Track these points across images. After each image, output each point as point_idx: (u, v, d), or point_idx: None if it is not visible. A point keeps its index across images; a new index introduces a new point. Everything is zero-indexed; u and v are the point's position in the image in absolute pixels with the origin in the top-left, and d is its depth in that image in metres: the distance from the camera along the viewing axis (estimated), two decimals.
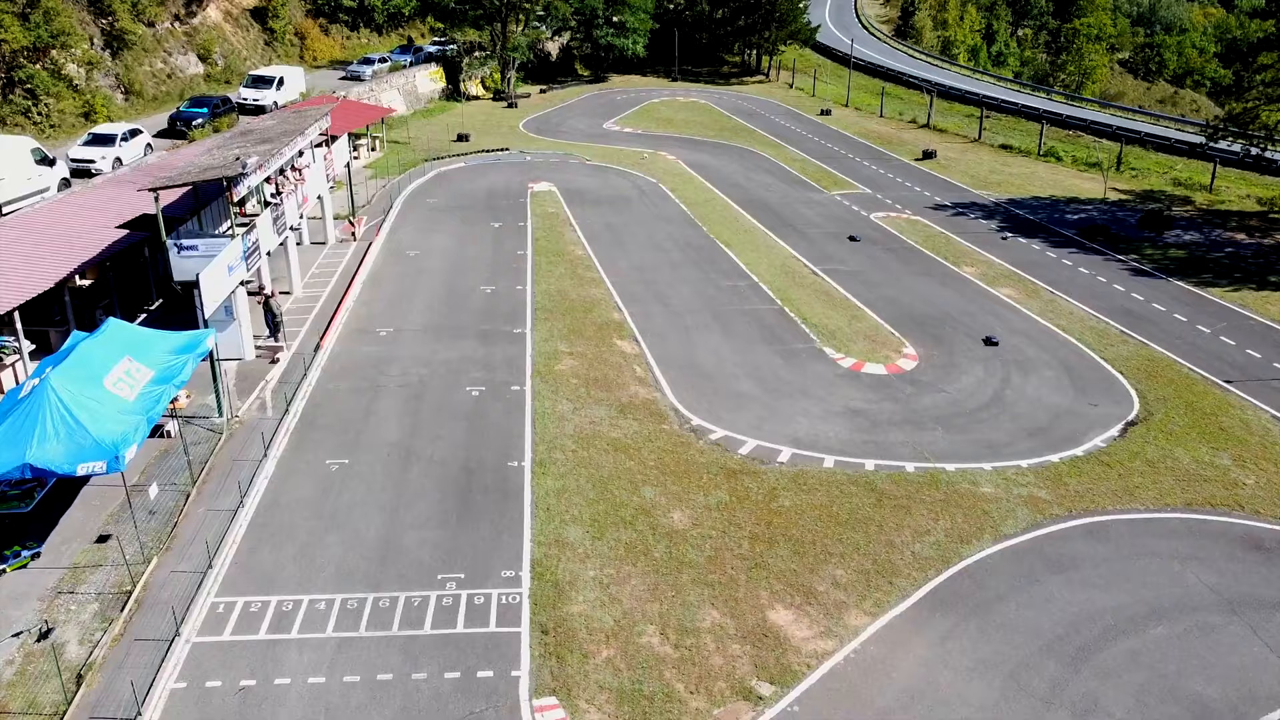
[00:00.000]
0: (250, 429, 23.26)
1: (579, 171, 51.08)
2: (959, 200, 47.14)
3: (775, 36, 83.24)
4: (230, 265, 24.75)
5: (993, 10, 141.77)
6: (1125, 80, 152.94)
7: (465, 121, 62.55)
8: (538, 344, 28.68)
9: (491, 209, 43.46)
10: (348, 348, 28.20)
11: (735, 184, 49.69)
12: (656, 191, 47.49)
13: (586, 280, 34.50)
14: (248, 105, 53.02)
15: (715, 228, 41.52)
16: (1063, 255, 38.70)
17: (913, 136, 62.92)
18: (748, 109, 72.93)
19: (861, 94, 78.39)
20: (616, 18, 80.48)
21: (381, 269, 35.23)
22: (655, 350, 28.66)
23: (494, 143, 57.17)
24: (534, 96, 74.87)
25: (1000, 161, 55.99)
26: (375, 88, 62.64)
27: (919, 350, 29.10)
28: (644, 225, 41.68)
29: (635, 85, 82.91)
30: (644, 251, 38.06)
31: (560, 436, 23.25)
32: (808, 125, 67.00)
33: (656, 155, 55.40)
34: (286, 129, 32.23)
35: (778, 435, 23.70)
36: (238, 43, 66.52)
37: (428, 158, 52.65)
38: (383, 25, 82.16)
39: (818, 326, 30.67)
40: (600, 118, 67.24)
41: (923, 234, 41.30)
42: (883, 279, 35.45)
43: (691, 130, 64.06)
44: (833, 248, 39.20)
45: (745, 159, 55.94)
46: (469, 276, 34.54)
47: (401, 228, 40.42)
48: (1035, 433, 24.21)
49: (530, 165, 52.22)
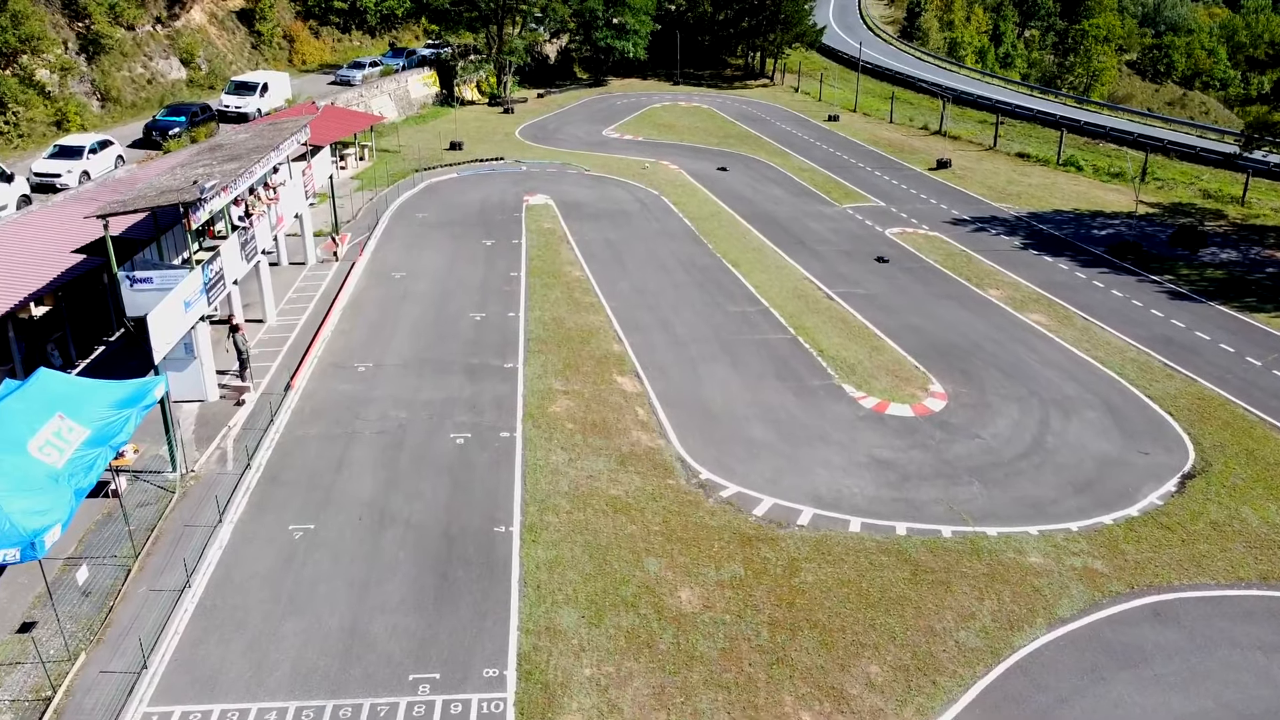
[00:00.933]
0: (207, 485, 20.79)
1: (577, 183, 48.61)
2: (978, 214, 44.67)
3: (780, 39, 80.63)
4: (187, 300, 22.28)
5: (999, 11, 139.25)
6: (1133, 82, 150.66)
7: (459, 128, 60.08)
8: (530, 381, 26.22)
9: (484, 224, 40.99)
10: (322, 386, 25.72)
11: (741, 196, 47.22)
12: (658, 204, 45.03)
13: (584, 305, 32.04)
14: (229, 113, 50.56)
15: (721, 245, 39.05)
16: (1093, 276, 36.23)
17: (925, 144, 60.44)
18: (752, 114, 70.47)
19: (870, 99, 75.95)
20: (616, 19, 77.99)
21: (364, 293, 32.76)
22: (659, 387, 26.20)
23: (488, 151, 54.69)
24: (531, 101, 72.40)
25: (1018, 171, 53.50)
26: (365, 93, 60.17)
27: (947, 387, 26.63)
28: (646, 242, 39.22)
29: (635, 89, 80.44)
30: (646, 272, 35.60)
31: (553, 494, 20.79)
32: (815, 132, 64.52)
33: (658, 165, 52.93)
34: (259, 144, 29.76)
35: (796, 492, 21.24)
36: (223, 46, 64.07)
37: (418, 167, 50.20)
38: (375, 28, 79.76)
39: (835, 359, 28.19)
40: (599, 124, 64.77)
41: (942, 252, 38.82)
42: (903, 304, 32.97)
43: (694, 137, 61.59)
44: (847, 267, 36.73)
45: (751, 169, 53.45)
46: (458, 301, 32.07)
47: (387, 245, 37.94)
48: (1082, 487, 21.74)
49: (526, 176, 49.75)
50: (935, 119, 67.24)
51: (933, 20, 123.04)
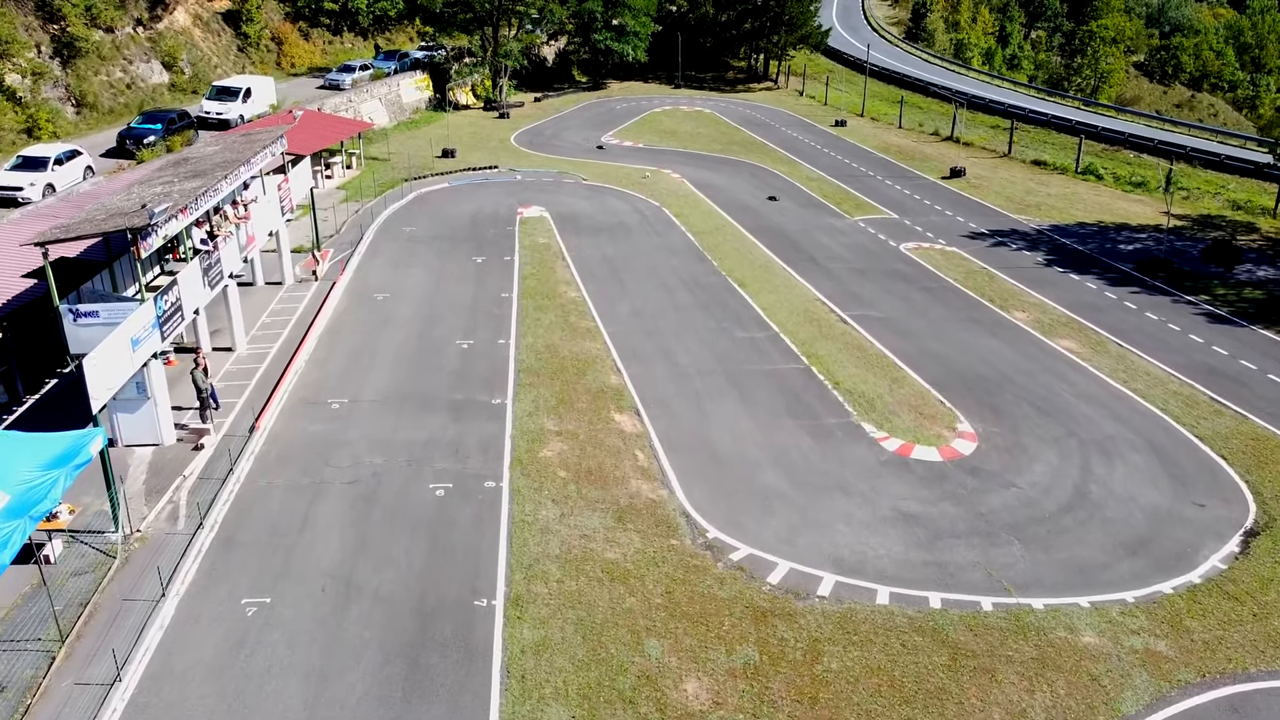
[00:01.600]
0: (153, 549, 18.50)
1: (574, 193, 46.32)
2: (996, 227, 42.36)
3: (785, 41, 78.25)
4: (135, 337, 20.00)
5: (1005, 12, 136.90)
6: (1141, 84, 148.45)
7: (452, 134, 57.79)
8: (520, 419, 23.93)
9: (475, 239, 38.70)
10: (291, 426, 23.43)
11: (746, 207, 44.91)
12: (660, 217, 42.73)
13: (580, 330, 29.74)
14: (210, 119, 48.24)
15: (726, 262, 36.76)
16: (1123, 296, 33.92)
17: (936, 151, 58.13)
18: (756, 119, 68.17)
19: (877, 103, 73.63)
20: (616, 20, 75.61)
21: (343, 317, 30.47)
22: (660, 427, 23.90)
23: (482, 159, 52.41)
24: (527, 106, 70.09)
25: (1035, 180, 51.19)
26: (354, 98, 57.86)
27: (976, 426, 24.32)
28: (646, 258, 36.92)
29: (636, 93, 78.14)
30: (647, 292, 33.31)
31: (542, 558, 18.50)
32: (822, 138, 62.20)
33: (659, 174, 50.64)
34: (228, 158, 27.47)
35: (815, 554, 18.94)
36: (208, 49, 61.76)
37: (408, 177, 47.90)
38: (368, 29, 77.40)
39: (853, 393, 25.89)
40: (598, 129, 62.46)
41: (961, 269, 36.51)
42: (923, 328, 30.67)
43: (697, 144, 59.29)
44: (861, 286, 34.43)
45: (756, 178, 51.15)
46: (444, 326, 29.77)
47: (372, 263, 35.65)
48: (1135, 548, 19.44)
49: (521, 186, 47.46)
50: (946, 124, 64.93)
51: (938, 21, 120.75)
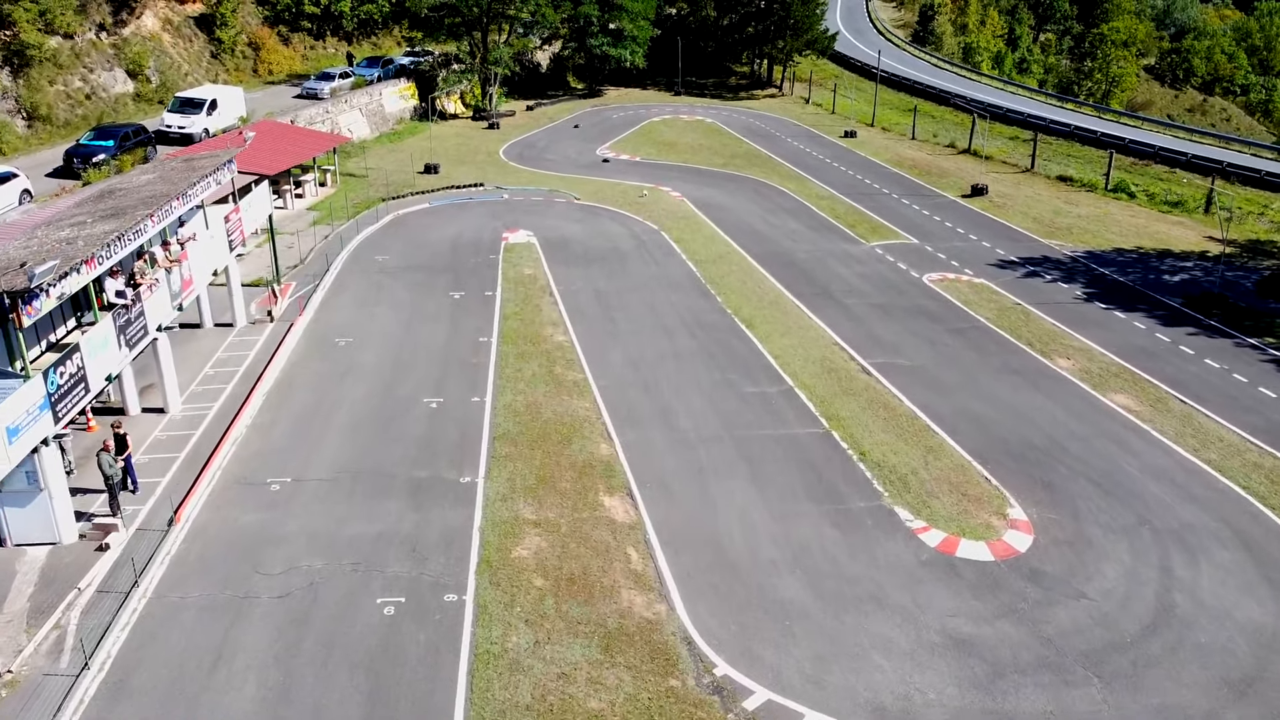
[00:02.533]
0: (24, 697, 14.82)
1: (565, 215, 42.65)
2: (1027, 254, 38.68)
3: (790, 46, 74.51)
4: (14, 425, 16.33)
5: (1015, 14, 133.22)
6: (1152, 88, 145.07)
7: (437, 147, 54.13)
8: (492, 505, 20.26)
9: (454, 270, 35.03)
10: (219, 516, 19.75)
11: (753, 231, 41.24)
12: (658, 242, 39.05)
13: (566, 385, 26.08)
14: (171, 134, 44.59)
15: (732, 297, 33.09)
16: (1178, 339, 30.27)
17: (954, 165, 54.45)
18: (761, 130, 64.47)
19: (887, 111, 69.94)
20: (613, 24, 71.94)
21: (297, 368, 26.79)
22: (658, 515, 20.23)
23: (467, 175, 48.75)
24: (519, 115, 66.41)
25: (1063, 199, 47.53)
26: (332, 109, 54.15)
27: (1030, 512, 20.66)
28: (643, 293, 33.25)
29: (633, 100, 74.48)
30: (643, 335, 29.65)
31: (510, 708, 14.82)
32: (831, 150, 58.49)
33: (657, 192, 46.96)
34: (159, 192, 23.81)
35: (850, 699, 15.27)
36: (178, 55, 58.09)
37: (386, 196, 44.24)
38: (352, 34, 73.74)
39: (883, 468, 22.22)
40: (593, 141, 58.78)
41: (993, 305, 32.85)
42: (956, 380, 27.00)
43: (698, 157, 55.61)
44: (884, 327, 30.76)
45: (762, 196, 47.47)
46: (411, 380, 26.10)
47: (336, 299, 31.98)
48: (1241, 689, 15.77)
49: (508, 207, 43.78)
50: (961, 134, 61.29)
51: (946, 24, 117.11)
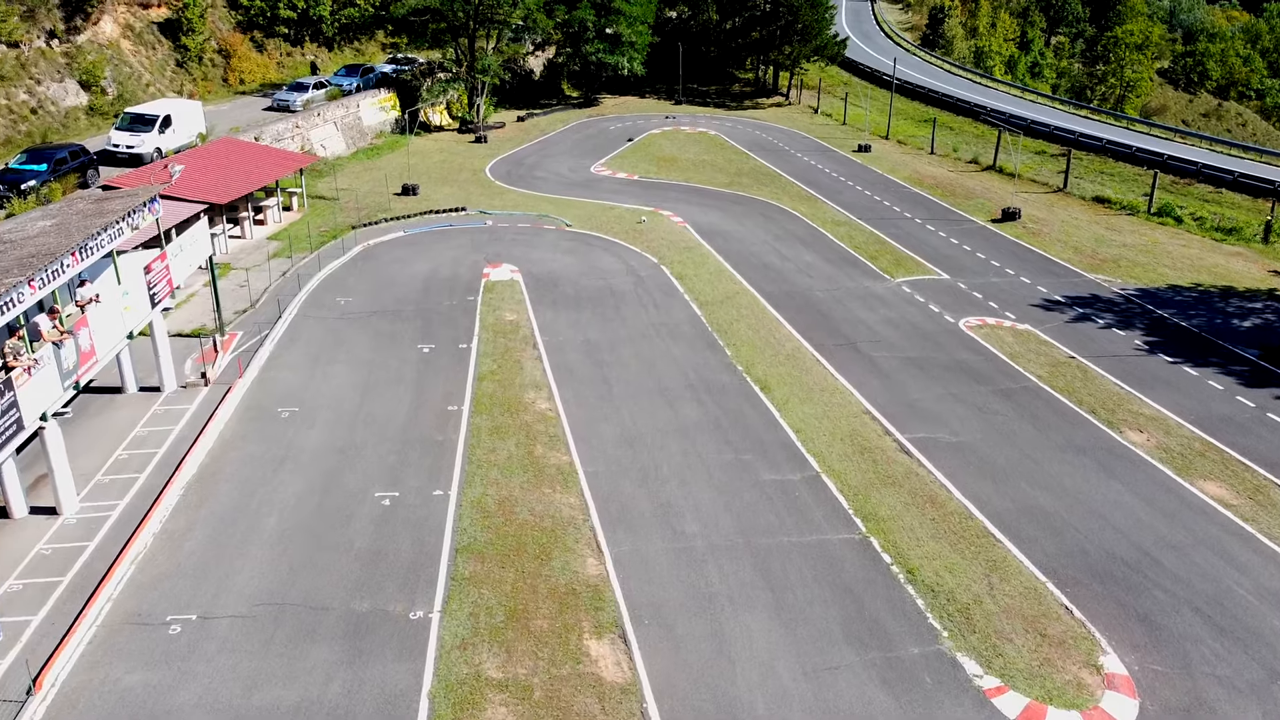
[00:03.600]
0: None
1: (554, 245, 38.31)
2: (1072, 292, 34.38)
3: (798, 53, 70.07)
4: None
5: (1026, 17, 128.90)
6: (1166, 92, 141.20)
7: (417, 164, 49.83)
8: (447, 654, 15.95)
9: (425, 316, 30.71)
10: (96, 678, 15.42)
11: (763, 264, 36.93)
12: (658, 280, 34.74)
13: (548, 471, 21.76)
14: (119, 154, 40.24)
15: (743, 349, 28.79)
16: (1265, 402, 25.94)
17: (979, 184, 50.13)
18: (767, 143, 60.12)
19: (901, 122, 65.57)
20: (610, 29, 67.54)
21: (227, 451, 22.46)
22: (658, 670, 15.90)
23: (448, 197, 44.41)
24: (509, 126, 62.05)
25: (1103, 224, 43.20)
26: (303, 123, 49.78)
27: (1129, 657, 16.33)
28: (641, 345, 28.94)
29: (631, 109, 70.14)
30: (641, 402, 25.33)
31: None
32: (844, 167, 54.14)
33: (657, 216, 42.63)
34: (51, 246, 19.50)
35: None
36: (139, 65, 53.75)
37: (357, 222, 39.91)
38: (334, 39, 69.41)
39: (937, 593, 17.89)
40: (587, 156, 54.45)
41: (1044, 359, 28.54)
42: (1011, 461, 22.68)
43: (700, 175, 51.27)
44: (921, 388, 26.46)
45: (772, 221, 43.12)
46: (362, 465, 21.79)
47: (286, 355, 27.66)
48: None
49: (491, 235, 39.44)
50: (984, 149, 57.00)
51: (957, 27, 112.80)
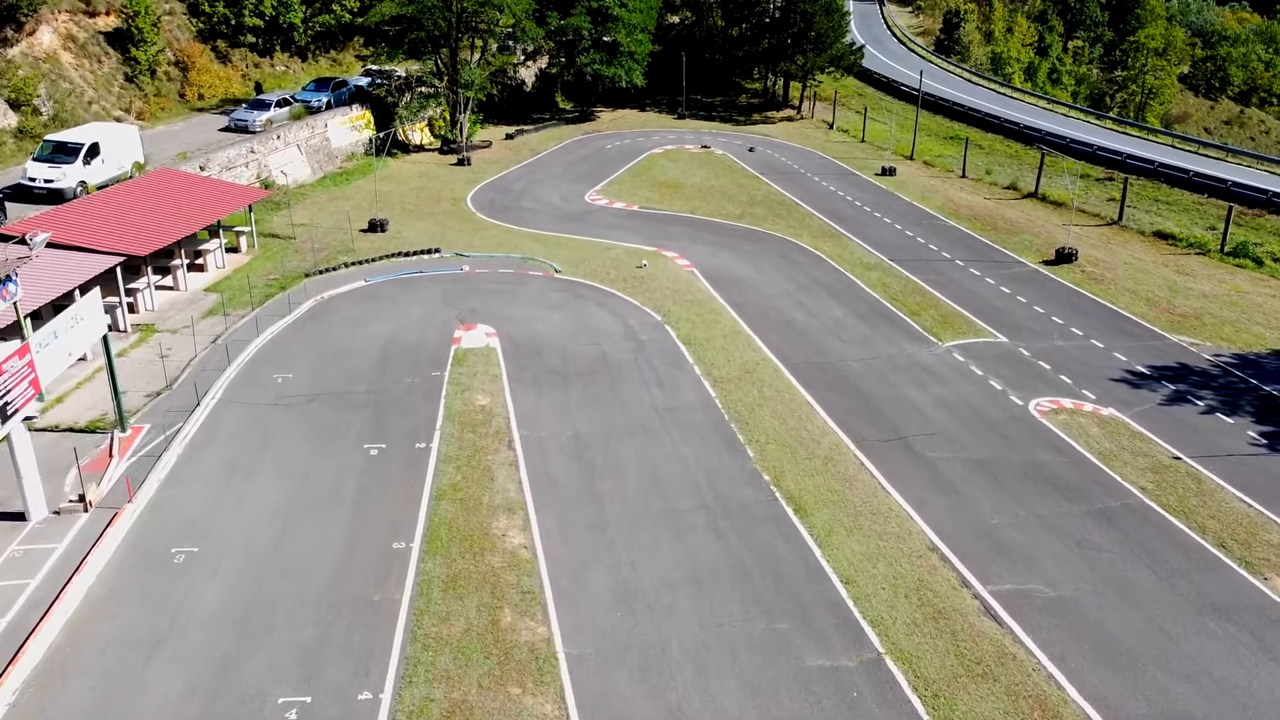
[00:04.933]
0: None
1: (540, 297, 32.71)
2: (1157, 360, 28.79)
3: (811, 63, 64.33)
4: None
5: (1044, 20, 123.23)
6: (1186, 98, 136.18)
7: (390, 193, 44.29)
8: None
9: (378, 401, 25.12)
10: None
11: (786, 322, 31.33)
12: (662, 345, 29.16)
13: (517, 654, 16.16)
14: (36, 189, 34.67)
15: (769, 448, 23.18)
16: None
17: (1022, 216, 44.52)
18: (781, 165, 54.48)
19: (924, 138, 59.77)
20: (608, 37, 61.88)
21: (90, 626, 16.83)
22: None
23: (422, 235, 38.84)
24: (496, 145, 56.46)
25: (1173, 267, 37.58)
26: (260, 147, 44.13)
27: None
28: (642, 443, 23.33)
29: (631, 124, 64.55)
30: (641, 533, 19.73)
31: None
32: (868, 193, 48.51)
33: (659, 258, 37.04)
34: None
35: None
36: (82, 80, 48.16)
37: (313, 268, 34.36)
38: (307, 48, 63.84)
39: None
40: (581, 181, 48.87)
41: (1143, 462, 22.94)
42: (1135, 632, 17.08)
43: (708, 204, 45.67)
44: (996, 508, 20.87)
45: (792, 264, 37.49)
46: (266, 651, 16.16)
47: (196, 462, 22.06)
48: None
49: (467, 284, 33.84)
50: (1021, 171, 51.47)
51: (974, 32, 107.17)
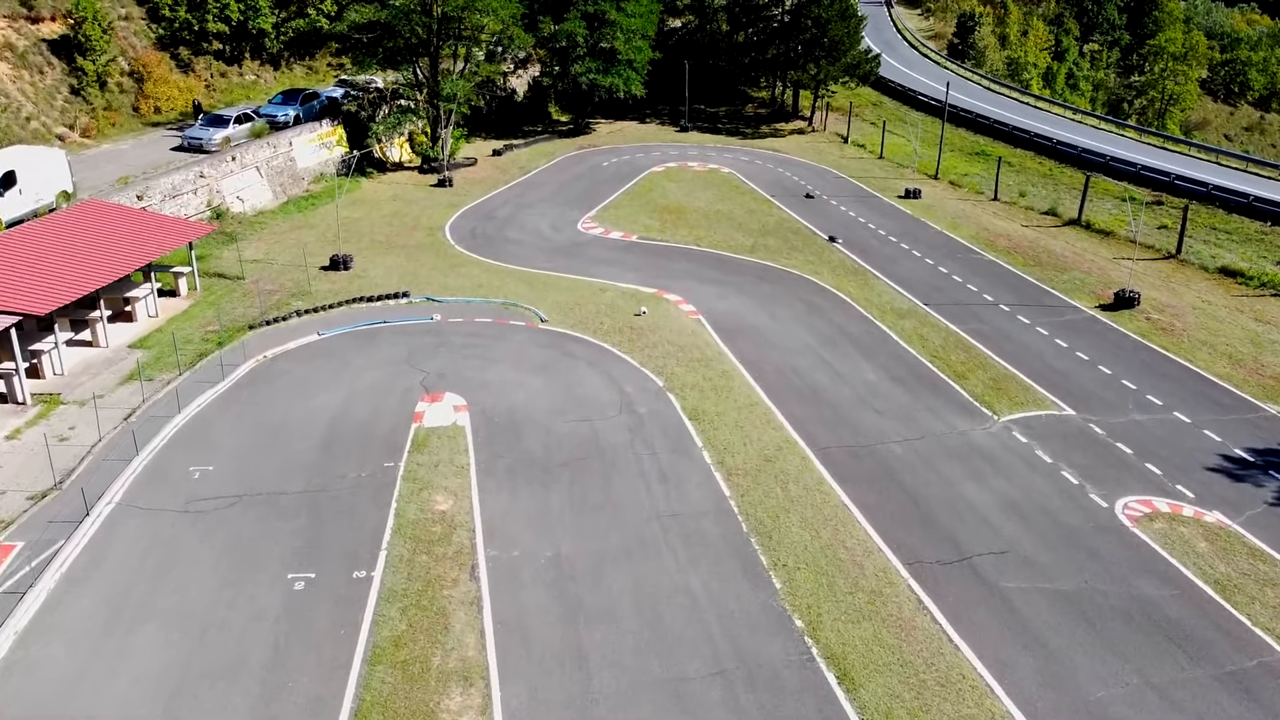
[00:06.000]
0: None
1: (521, 356, 27.89)
2: (1260, 441, 23.95)
3: (825, 72, 59.45)
4: None
5: (1059, 23, 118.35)
6: (1205, 104, 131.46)
7: (360, 221, 39.51)
8: None
9: (314, 504, 20.32)
10: None
11: (811, 389, 26.52)
12: (664, 420, 24.34)
13: None
14: None
15: (801, 576, 18.38)
16: None
17: (1067, 247, 39.67)
18: (794, 185, 49.68)
19: (949, 154, 54.93)
20: (605, 44, 57.01)
21: None
22: None
23: (390, 273, 34.04)
24: (482, 163, 51.64)
25: (1249, 312, 32.76)
26: (212, 171, 39.27)
27: None
28: (640, 570, 18.52)
29: (629, 137, 59.75)
30: (640, 715, 14.96)
31: None
32: (893, 220, 43.65)
33: (661, 303, 32.26)
34: None
35: None
36: (20, 93, 43.38)
37: (260, 318, 29.59)
38: (280, 56, 59.05)
39: None
40: (574, 206, 44.08)
41: (1271, 592, 18.13)
42: None
43: (715, 233, 40.87)
44: (1097, 669, 16.12)
45: (814, 309, 32.65)
46: None
47: (69, 604, 17.23)
48: None
49: (437, 338, 29.02)
50: (1058, 192, 46.70)
51: (990, 36, 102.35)
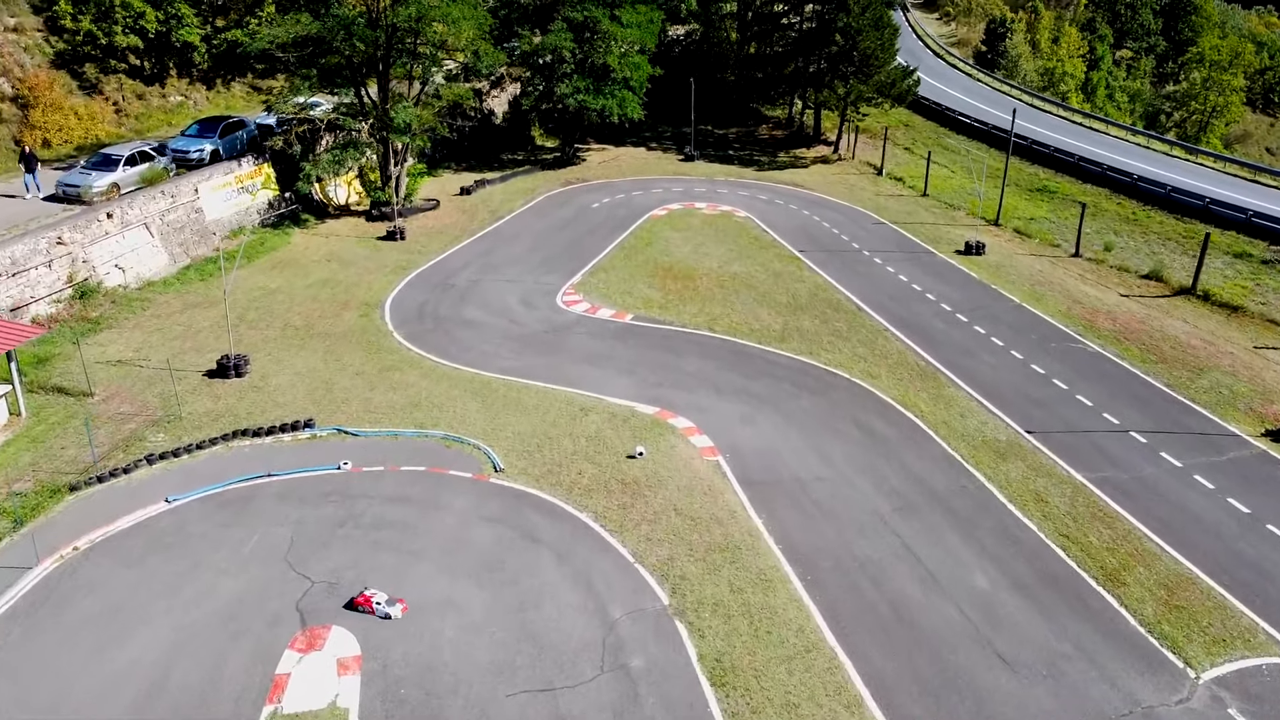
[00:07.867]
0: None
1: (457, 543, 18.67)
2: None
3: (856, 92, 50.35)
4: None
5: (1092, 29, 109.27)
6: (1245, 116, 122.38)
7: (276, 293, 30.47)
8: None
9: None
10: None
11: (893, 605, 17.41)
12: (670, 685, 15.20)
13: None
14: None
15: None
16: None
17: (1192, 330, 30.61)
18: (826, 236, 40.53)
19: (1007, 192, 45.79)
20: (596, 59, 47.91)
21: None
22: None
23: (296, 384, 24.94)
24: (445, 205, 42.55)
25: None
26: (75, 234, 30.13)
27: None
28: None
29: (626, 169, 50.65)
30: None
31: None
32: (957, 289, 34.41)
33: (663, 433, 23.11)
34: None
35: None
36: None
37: (88, 472, 20.51)
38: (210, 74, 49.99)
39: None
40: (552, 269, 34.97)
41: None
42: None
43: (733, 308, 31.76)
44: None
45: (878, 442, 23.49)
46: None
47: None
48: None
49: (340, 505, 19.81)
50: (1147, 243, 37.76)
51: (1024, 45, 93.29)
